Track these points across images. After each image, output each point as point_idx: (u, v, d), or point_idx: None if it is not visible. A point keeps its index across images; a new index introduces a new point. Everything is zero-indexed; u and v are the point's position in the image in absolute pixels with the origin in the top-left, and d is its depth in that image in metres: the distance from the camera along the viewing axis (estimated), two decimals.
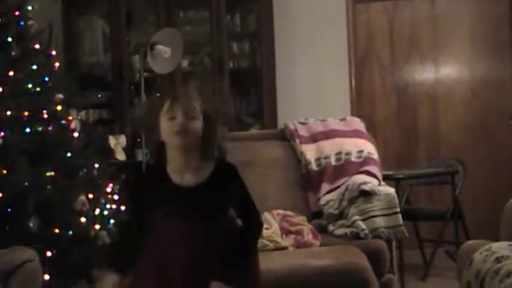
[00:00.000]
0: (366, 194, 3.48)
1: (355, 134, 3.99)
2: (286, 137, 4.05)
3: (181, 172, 2.21)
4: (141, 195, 2.25)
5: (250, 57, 5.67)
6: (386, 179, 3.92)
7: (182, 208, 2.17)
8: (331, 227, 3.54)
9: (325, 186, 3.76)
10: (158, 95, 2.34)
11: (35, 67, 3.90)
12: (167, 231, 2.16)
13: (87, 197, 3.83)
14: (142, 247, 2.19)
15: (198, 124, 2.20)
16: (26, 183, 3.55)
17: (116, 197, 4.24)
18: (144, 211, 2.24)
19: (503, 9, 5.80)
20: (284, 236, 3.31)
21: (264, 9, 5.49)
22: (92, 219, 3.86)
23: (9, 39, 3.82)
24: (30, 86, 3.83)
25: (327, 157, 3.86)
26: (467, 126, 5.84)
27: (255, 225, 2.28)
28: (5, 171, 3.52)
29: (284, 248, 3.22)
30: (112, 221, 4.05)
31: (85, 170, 4.00)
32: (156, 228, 2.19)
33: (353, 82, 5.75)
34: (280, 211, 3.47)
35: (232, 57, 5.61)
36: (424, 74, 5.92)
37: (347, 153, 3.83)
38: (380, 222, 3.38)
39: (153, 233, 2.19)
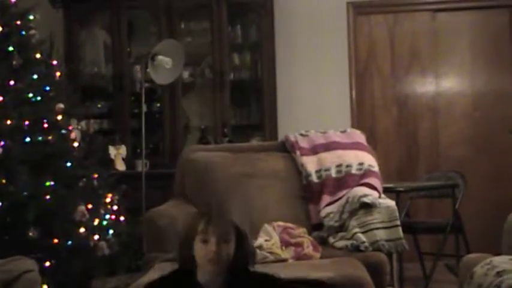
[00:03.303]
0: (367, 207, 3.46)
1: (355, 146, 3.98)
2: (286, 149, 4.04)
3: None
4: None
5: (251, 69, 5.68)
6: (387, 191, 3.91)
7: None
8: (331, 239, 3.52)
9: (326, 199, 3.74)
10: (194, 214, 2.31)
11: (36, 77, 3.92)
12: None
13: (86, 207, 3.83)
14: None
15: (231, 246, 2.18)
16: (26, 193, 3.55)
17: (115, 207, 4.25)
18: None
19: (504, 21, 5.82)
20: (284, 248, 3.29)
21: (265, 20, 5.51)
22: (92, 230, 3.86)
23: (11, 48, 3.83)
24: (31, 95, 3.85)
25: (327, 169, 3.84)
26: (468, 139, 5.83)
27: None
28: (4, 181, 3.53)
29: (284, 260, 3.20)
30: (111, 231, 4.05)
31: (85, 180, 4.01)
32: None
33: (353, 94, 5.75)
34: (281, 223, 3.46)
35: (233, 69, 5.62)
36: (425, 86, 5.92)
37: (348, 166, 3.82)
38: (380, 234, 3.36)
39: None
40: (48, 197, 3.64)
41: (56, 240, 3.61)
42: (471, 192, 5.11)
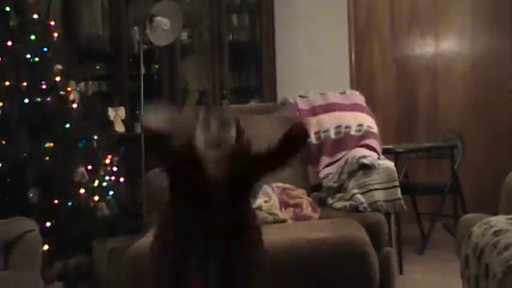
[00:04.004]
0: (365, 168, 3.47)
1: (355, 107, 3.98)
2: None
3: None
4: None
5: (249, 31, 5.64)
6: (386, 152, 3.92)
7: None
8: (330, 200, 3.54)
9: (325, 160, 3.75)
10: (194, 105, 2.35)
11: (33, 37, 3.88)
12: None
13: (86, 169, 3.84)
14: None
15: (231, 132, 2.21)
16: (25, 154, 3.56)
17: (114, 169, 4.25)
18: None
19: None
20: (283, 209, 3.31)
21: None
22: (91, 191, 3.88)
23: (8, 9, 3.80)
24: (28, 56, 3.82)
25: (326, 130, 3.85)
26: (467, 100, 5.83)
27: None
28: (4, 142, 3.53)
29: (283, 221, 3.22)
30: (111, 192, 4.07)
31: (84, 141, 4.00)
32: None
33: (353, 55, 5.73)
34: (280, 184, 3.47)
35: (231, 30, 5.58)
36: (425, 47, 5.90)
37: (347, 127, 3.82)
38: (379, 195, 3.38)
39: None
40: (47, 158, 3.65)
41: (56, 201, 3.63)
42: (470, 153, 5.13)
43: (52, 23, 4.15)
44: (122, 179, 4.25)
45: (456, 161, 4.88)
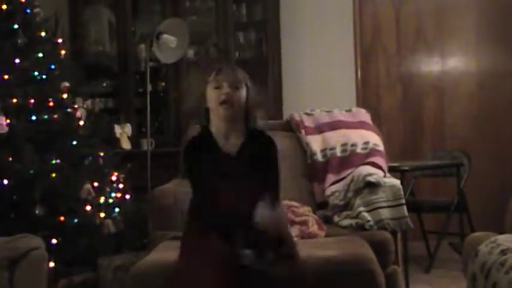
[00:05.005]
0: (372, 186, 3.47)
1: (361, 125, 3.98)
2: (291, 128, 4.05)
3: (226, 137, 2.38)
4: (192, 167, 2.41)
5: (256, 48, 5.66)
6: (392, 170, 3.91)
7: (229, 172, 2.33)
8: (336, 218, 3.53)
9: (331, 177, 3.75)
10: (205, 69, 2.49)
11: (41, 55, 3.91)
12: (214, 193, 2.31)
13: (92, 186, 3.84)
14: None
15: (242, 94, 2.35)
16: (32, 171, 3.57)
17: (120, 185, 4.26)
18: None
19: (510, 0, 5.78)
20: (289, 226, 3.30)
21: None
22: (97, 208, 3.88)
23: (16, 26, 3.83)
24: (36, 74, 3.84)
25: (332, 148, 3.85)
26: (473, 118, 5.82)
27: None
28: (11, 159, 3.54)
29: None
30: (117, 209, 4.07)
31: (90, 158, 4.01)
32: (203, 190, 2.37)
33: (359, 73, 5.73)
34: (286, 201, 3.46)
35: (238, 48, 5.60)
36: (430, 65, 5.90)
37: (353, 145, 3.82)
38: (385, 213, 3.37)
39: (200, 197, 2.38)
40: (54, 175, 3.66)
41: (62, 218, 3.63)
42: (476, 171, 5.12)
43: (60, 40, 4.18)
44: (128, 196, 4.26)
45: (462, 178, 4.87)
